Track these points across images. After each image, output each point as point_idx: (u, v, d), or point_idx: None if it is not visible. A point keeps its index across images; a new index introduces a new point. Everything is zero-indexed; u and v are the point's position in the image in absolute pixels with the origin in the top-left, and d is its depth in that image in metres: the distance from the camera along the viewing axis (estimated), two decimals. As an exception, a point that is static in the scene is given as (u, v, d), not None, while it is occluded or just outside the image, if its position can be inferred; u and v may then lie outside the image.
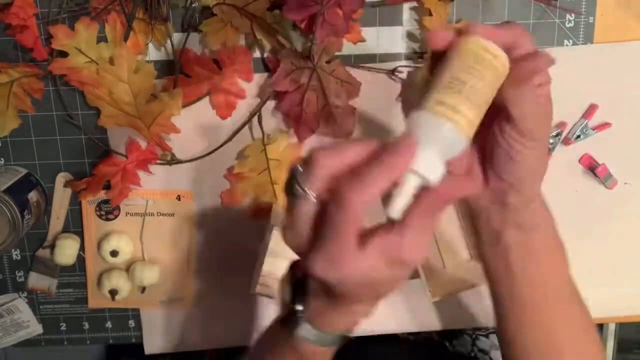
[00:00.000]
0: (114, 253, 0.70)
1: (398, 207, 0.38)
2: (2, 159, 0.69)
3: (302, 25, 0.60)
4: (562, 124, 0.70)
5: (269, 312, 0.75)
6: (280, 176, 0.69)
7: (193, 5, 0.63)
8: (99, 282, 0.73)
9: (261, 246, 0.68)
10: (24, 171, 0.68)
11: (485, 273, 0.51)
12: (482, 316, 0.77)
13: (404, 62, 0.67)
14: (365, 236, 0.38)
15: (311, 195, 0.37)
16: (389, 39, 0.66)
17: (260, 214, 0.71)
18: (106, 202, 0.70)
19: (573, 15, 0.67)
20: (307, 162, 0.37)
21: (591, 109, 0.70)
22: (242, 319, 0.76)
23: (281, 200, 0.70)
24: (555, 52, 0.67)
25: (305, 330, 0.44)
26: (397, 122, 0.69)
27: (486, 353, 0.86)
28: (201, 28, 0.63)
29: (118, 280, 0.72)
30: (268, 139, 0.67)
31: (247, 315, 0.76)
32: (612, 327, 1.12)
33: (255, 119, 0.67)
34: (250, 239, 0.73)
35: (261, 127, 0.67)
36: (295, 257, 0.42)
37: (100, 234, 0.71)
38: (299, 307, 0.44)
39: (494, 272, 0.50)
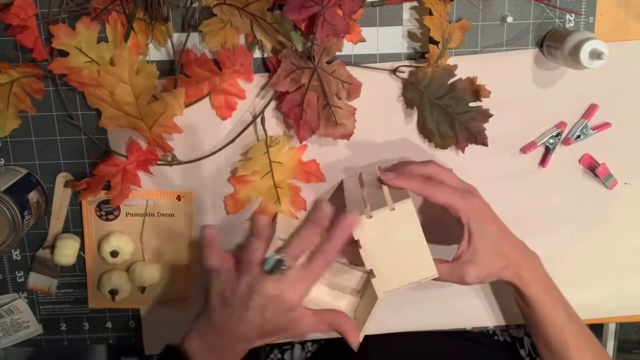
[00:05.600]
0: (114, 253, 0.70)
1: None
2: (2, 159, 0.69)
3: (303, 26, 0.60)
4: (562, 124, 0.70)
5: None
6: (284, 179, 0.68)
7: (193, 5, 0.63)
8: (99, 282, 0.73)
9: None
10: (24, 171, 0.68)
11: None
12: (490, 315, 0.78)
13: (404, 62, 0.67)
14: None
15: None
16: (389, 39, 0.66)
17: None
18: (106, 202, 0.70)
19: (573, 15, 0.67)
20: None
21: (591, 109, 0.70)
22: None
23: (284, 206, 0.70)
24: (555, 52, 0.68)
25: None
26: (397, 122, 0.69)
27: (505, 329, 0.86)
28: (201, 28, 0.63)
29: (118, 281, 0.72)
30: (271, 141, 0.67)
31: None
32: (612, 327, 1.12)
33: (257, 120, 0.67)
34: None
35: (264, 130, 0.67)
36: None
37: (101, 234, 0.71)
38: None
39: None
